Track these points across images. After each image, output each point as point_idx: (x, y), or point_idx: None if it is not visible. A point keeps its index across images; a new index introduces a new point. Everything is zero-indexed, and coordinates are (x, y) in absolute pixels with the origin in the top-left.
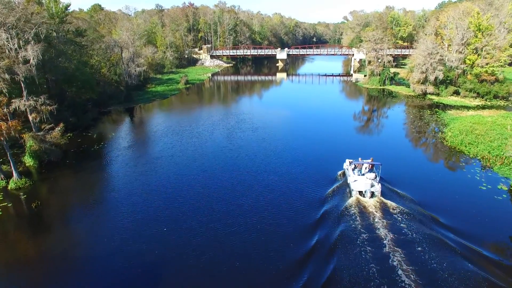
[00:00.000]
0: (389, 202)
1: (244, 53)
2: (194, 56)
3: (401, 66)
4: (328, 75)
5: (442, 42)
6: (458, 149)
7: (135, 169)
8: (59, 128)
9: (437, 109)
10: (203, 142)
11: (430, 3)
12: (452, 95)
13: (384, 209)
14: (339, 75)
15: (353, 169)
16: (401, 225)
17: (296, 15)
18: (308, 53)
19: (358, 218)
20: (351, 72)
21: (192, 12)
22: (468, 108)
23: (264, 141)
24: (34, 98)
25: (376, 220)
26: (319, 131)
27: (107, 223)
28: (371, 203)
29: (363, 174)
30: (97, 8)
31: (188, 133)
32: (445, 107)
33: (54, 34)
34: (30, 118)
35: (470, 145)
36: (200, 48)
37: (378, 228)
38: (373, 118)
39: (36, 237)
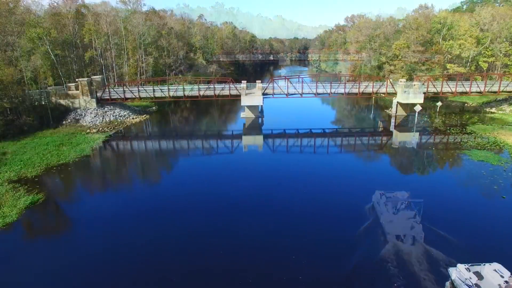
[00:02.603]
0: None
1: (173, 95)
2: (61, 101)
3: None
4: (344, 132)
5: None
6: None
7: None
8: None
9: None
10: None
11: (436, 5)
12: None
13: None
14: (368, 135)
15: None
16: None
17: (298, 18)
18: (304, 93)
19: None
20: (392, 128)
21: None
22: None
23: None
24: None
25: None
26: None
27: None
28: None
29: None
30: None
31: None
32: None
33: None
34: None
35: None
36: (76, 88)
37: None
38: None
39: None
